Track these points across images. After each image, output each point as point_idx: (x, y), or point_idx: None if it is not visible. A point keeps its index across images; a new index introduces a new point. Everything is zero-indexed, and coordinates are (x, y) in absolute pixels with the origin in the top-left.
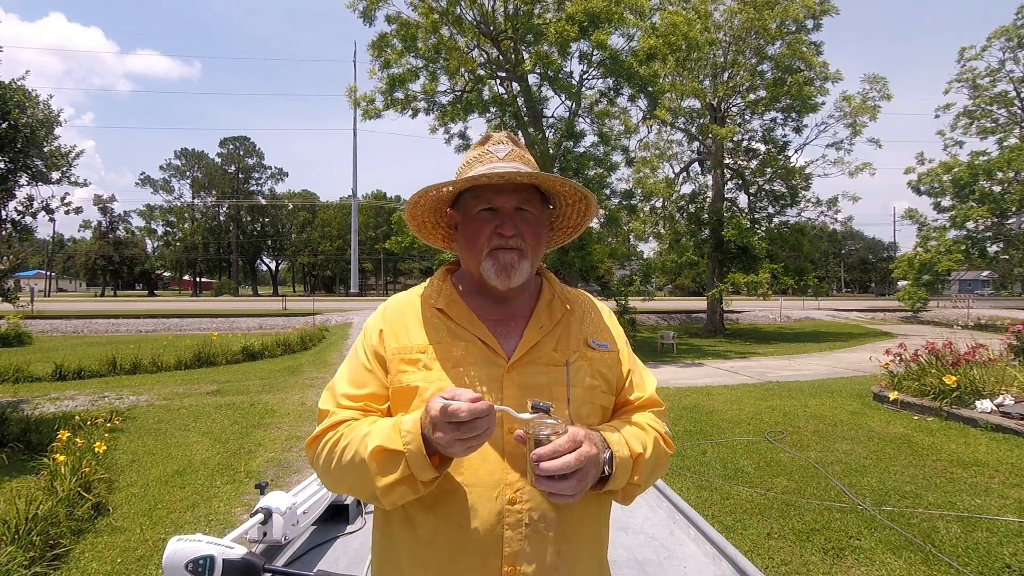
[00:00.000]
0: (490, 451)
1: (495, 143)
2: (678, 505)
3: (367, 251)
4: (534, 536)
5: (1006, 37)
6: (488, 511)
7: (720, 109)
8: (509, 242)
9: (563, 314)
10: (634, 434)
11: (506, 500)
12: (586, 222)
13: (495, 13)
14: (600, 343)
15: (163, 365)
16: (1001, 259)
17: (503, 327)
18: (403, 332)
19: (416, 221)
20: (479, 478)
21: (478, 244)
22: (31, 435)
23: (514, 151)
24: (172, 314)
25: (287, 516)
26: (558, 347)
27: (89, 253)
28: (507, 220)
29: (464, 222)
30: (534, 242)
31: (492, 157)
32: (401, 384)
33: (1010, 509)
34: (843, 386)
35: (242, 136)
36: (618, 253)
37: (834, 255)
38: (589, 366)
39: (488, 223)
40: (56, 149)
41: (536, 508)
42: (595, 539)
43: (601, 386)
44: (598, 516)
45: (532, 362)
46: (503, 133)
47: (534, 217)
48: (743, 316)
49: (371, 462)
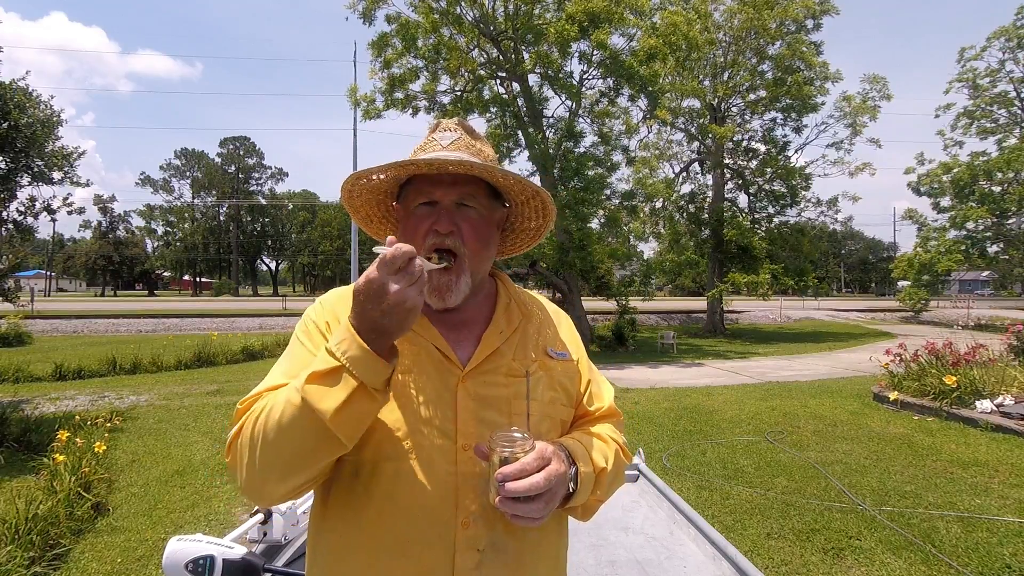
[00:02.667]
0: (438, 469)
1: (442, 130)
2: (678, 505)
3: (367, 251)
4: (488, 563)
5: (1006, 37)
6: (436, 536)
7: (720, 109)
8: (445, 240)
9: (520, 320)
10: (597, 447)
11: (457, 524)
12: (547, 224)
13: (495, 13)
14: (559, 352)
15: (163, 365)
16: (1001, 259)
17: (456, 332)
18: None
19: (359, 214)
20: (426, 500)
21: (414, 243)
22: (31, 435)
23: (462, 139)
24: (172, 314)
25: (287, 516)
26: (516, 356)
27: (89, 253)
28: (444, 215)
29: (403, 217)
30: (475, 243)
31: (436, 145)
32: None
33: (1010, 509)
34: (843, 386)
35: (242, 136)
36: (618, 254)
37: (834, 255)
38: (548, 377)
39: (425, 219)
40: (58, 149)
41: (490, 532)
42: (554, 561)
43: (561, 398)
44: (558, 537)
45: (489, 371)
46: (454, 120)
47: (477, 214)
48: (743, 316)
49: (309, 396)
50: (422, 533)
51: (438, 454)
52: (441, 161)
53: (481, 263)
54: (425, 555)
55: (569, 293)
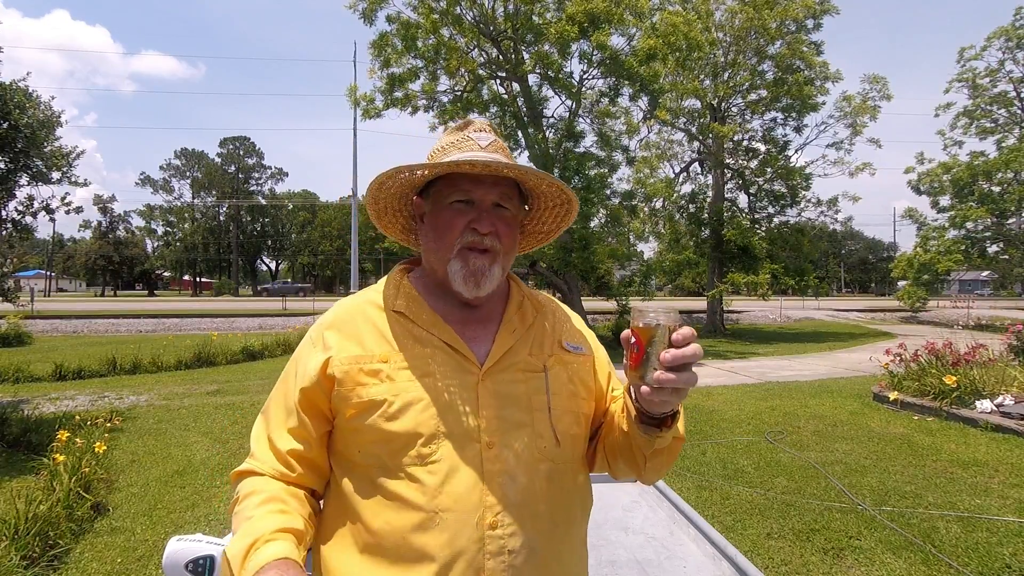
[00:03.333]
0: (464, 469)
1: (477, 129)
2: (678, 505)
3: (367, 251)
4: (518, 564)
5: (1005, 37)
6: (467, 539)
7: (720, 109)
8: (484, 241)
9: (534, 317)
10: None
11: (486, 525)
12: (563, 227)
13: (495, 13)
14: (574, 345)
15: (163, 365)
16: (1001, 259)
17: (471, 330)
18: (356, 341)
19: (378, 206)
20: (456, 503)
21: (448, 239)
22: (31, 435)
23: (496, 142)
24: (172, 314)
25: None
26: (532, 352)
27: (89, 253)
28: (484, 215)
29: (433, 212)
30: (509, 243)
31: (473, 144)
32: (361, 399)
33: (1010, 509)
34: (843, 386)
35: (242, 136)
36: (618, 254)
37: (834, 255)
38: (566, 370)
39: (462, 216)
40: (57, 149)
41: (518, 533)
42: (580, 562)
43: (580, 392)
44: (582, 537)
45: (507, 368)
46: (484, 120)
47: (511, 216)
48: (743, 316)
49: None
50: (452, 537)
51: (464, 454)
52: (499, 163)
53: (509, 261)
54: (453, 555)
55: (569, 293)
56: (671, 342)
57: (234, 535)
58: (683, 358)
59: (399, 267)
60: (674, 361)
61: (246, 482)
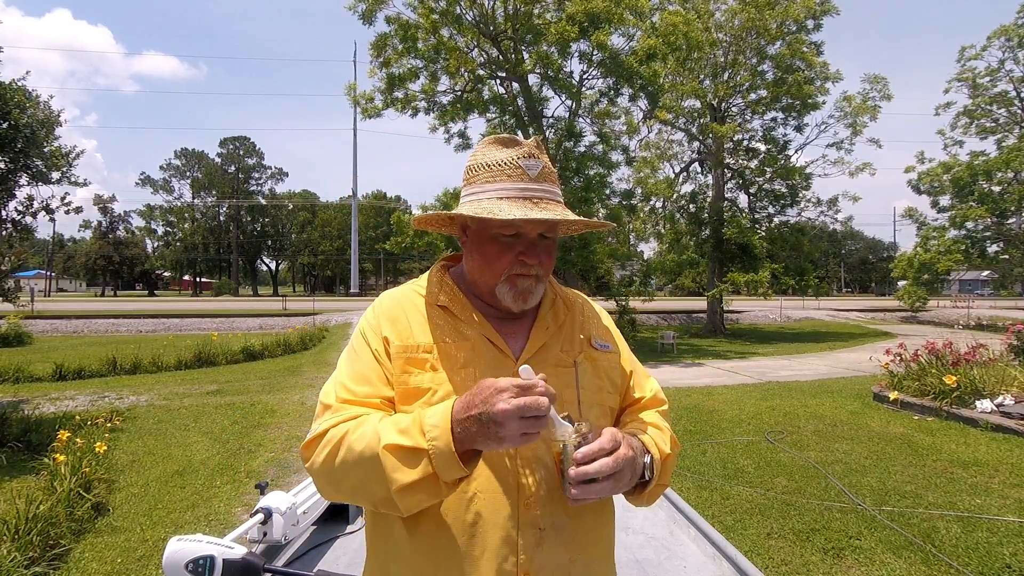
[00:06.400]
0: (501, 455)
1: (526, 156)
2: (678, 505)
3: (367, 251)
4: (548, 541)
5: (1006, 37)
6: (502, 517)
7: (720, 109)
8: (531, 270)
9: (565, 315)
10: (657, 435)
11: (520, 505)
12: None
13: (495, 13)
14: (602, 343)
15: (163, 365)
16: (1001, 259)
17: (508, 326)
18: (406, 330)
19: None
20: (491, 483)
21: (496, 267)
22: (31, 435)
23: (545, 168)
24: (172, 314)
25: (287, 516)
26: (564, 348)
27: (89, 253)
28: (531, 249)
29: (481, 238)
30: (550, 265)
31: (523, 175)
32: (408, 386)
33: (1010, 509)
34: (843, 386)
35: (242, 136)
36: (618, 253)
37: (834, 255)
38: (594, 366)
39: (510, 249)
40: (56, 149)
41: (550, 513)
42: (608, 544)
43: (607, 387)
44: (610, 521)
45: (540, 363)
46: (532, 141)
47: (552, 243)
48: (743, 316)
49: (385, 460)
50: (489, 514)
51: None
52: (557, 220)
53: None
54: (491, 534)
55: None
56: (575, 460)
57: (367, 446)
58: (585, 475)
59: (439, 264)
60: (578, 478)
61: (334, 430)
